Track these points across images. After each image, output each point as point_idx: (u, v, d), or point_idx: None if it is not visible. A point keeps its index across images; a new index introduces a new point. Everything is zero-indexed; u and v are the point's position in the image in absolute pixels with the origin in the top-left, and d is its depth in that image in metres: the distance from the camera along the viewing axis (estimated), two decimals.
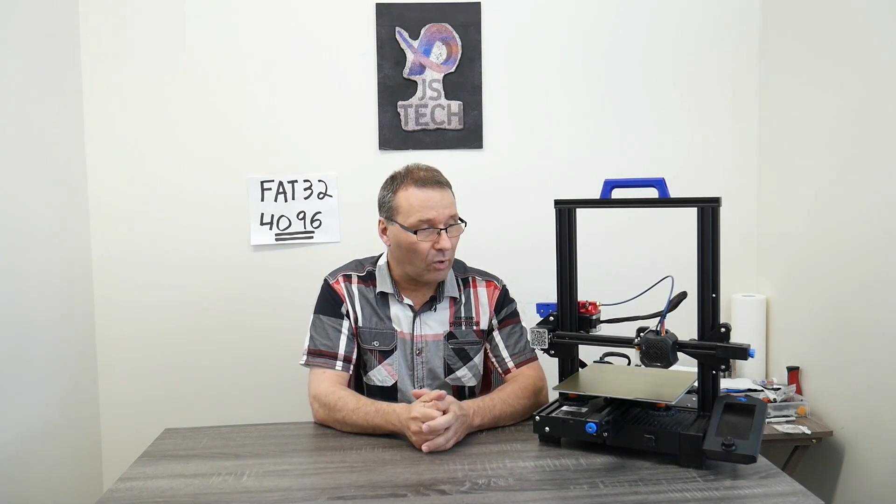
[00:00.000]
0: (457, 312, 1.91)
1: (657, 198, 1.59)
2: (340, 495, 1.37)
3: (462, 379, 1.92)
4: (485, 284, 1.96)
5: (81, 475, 2.44)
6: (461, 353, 1.91)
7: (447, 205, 1.81)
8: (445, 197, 1.82)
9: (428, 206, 1.78)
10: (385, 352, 1.89)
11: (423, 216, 1.78)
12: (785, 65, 2.52)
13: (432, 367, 1.90)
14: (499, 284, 1.97)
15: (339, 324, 1.87)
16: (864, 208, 2.12)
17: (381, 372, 1.89)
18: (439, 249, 1.78)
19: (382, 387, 1.89)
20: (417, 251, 1.79)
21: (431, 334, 1.90)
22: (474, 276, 1.97)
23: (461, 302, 1.92)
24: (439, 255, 1.79)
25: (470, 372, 1.92)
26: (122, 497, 1.40)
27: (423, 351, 1.89)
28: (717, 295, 1.51)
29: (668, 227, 2.62)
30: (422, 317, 1.90)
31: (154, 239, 2.57)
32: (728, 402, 1.49)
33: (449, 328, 1.90)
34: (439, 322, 1.90)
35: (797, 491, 1.34)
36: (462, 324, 1.91)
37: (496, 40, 2.62)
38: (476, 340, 1.92)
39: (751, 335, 2.57)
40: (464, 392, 1.93)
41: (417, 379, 1.90)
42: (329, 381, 1.80)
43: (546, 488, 1.38)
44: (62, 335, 2.35)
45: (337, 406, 1.72)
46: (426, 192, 1.80)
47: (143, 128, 2.55)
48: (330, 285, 1.92)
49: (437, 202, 1.79)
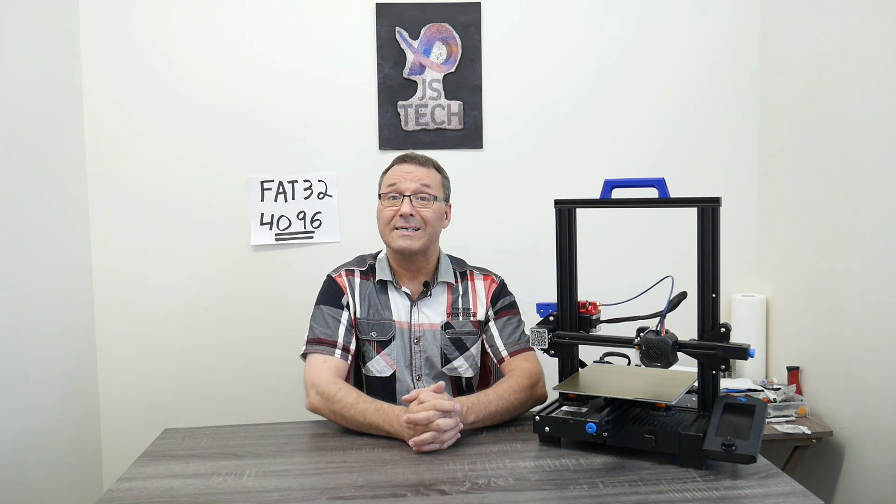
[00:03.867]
0: (454, 303, 1.95)
1: (657, 198, 1.59)
2: (340, 495, 1.37)
3: (459, 369, 1.94)
4: (482, 278, 2.01)
5: (81, 475, 2.44)
6: (458, 343, 1.94)
7: (418, 177, 1.89)
8: (419, 171, 1.90)
9: (397, 174, 1.90)
10: (383, 342, 1.92)
11: (389, 182, 1.90)
12: (785, 64, 2.52)
13: (430, 357, 1.93)
14: (496, 279, 2.02)
15: (339, 314, 1.90)
16: (864, 208, 2.12)
17: (380, 362, 1.91)
18: (402, 216, 1.85)
19: (381, 377, 1.91)
20: (381, 217, 1.90)
21: (428, 323, 1.93)
22: (472, 270, 2.03)
23: (458, 293, 1.97)
24: (402, 221, 1.86)
25: (466, 362, 1.94)
26: (122, 497, 1.40)
27: (421, 340, 1.92)
28: (717, 295, 1.51)
29: (668, 227, 2.62)
30: (419, 305, 1.94)
31: (154, 239, 2.57)
32: (728, 402, 1.49)
33: (446, 318, 1.94)
34: (436, 312, 1.94)
35: (797, 491, 1.34)
36: (459, 314, 1.95)
37: (496, 40, 2.62)
38: (473, 331, 1.95)
39: (751, 335, 2.57)
40: (461, 383, 1.96)
41: (415, 368, 1.92)
42: (329, 371, 1.80)
43: (546, 488, 1.38)
44: (62, 335, 2.35)
45: (336, 397, 1.72)
46: (402, 165, 1.92)
47: (142, 127, 2.54)
48: (333, 279, 1.97)
49: (406, 172, 1.89)
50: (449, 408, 1.57)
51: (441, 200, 1.94)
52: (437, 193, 1.92)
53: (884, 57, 2.03)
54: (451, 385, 1.94)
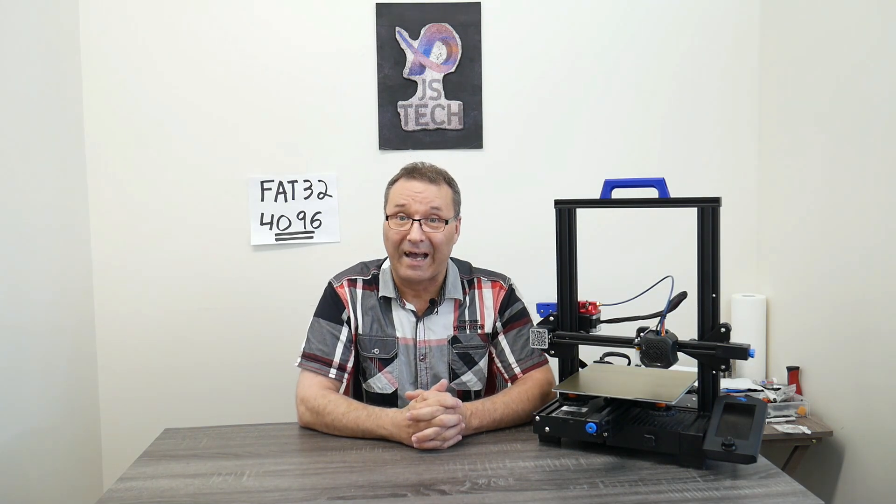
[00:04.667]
0: (461, 316, 1.87)
1: (657, 198, 1.59)
2: (340, 495, 1.37)
3: (468, 384, 1.88)
4: (490, 285, 1.91)
5: (81, 475, 2.44)
6: (466, 357, 1.87)
7: (428, 199, 1.76)
8: (428, 189, 1.77)
9: (405, 193, 1.77)
10: (385, 360, 1.86)
11: (397, 202, 1.77)
12: (785, 64, 2.52)
13: (437, 373, 1.86)
14: (505, 284, 1.91)
15: (338, 330, 1.84)
16: (864, 208, 2.12)
17: (382, 380, 1.86)
18: (411, 241, 1.74)
19: (382, 394, 1.86)
20: (389, 239, 1.78)
21: (435, 339, 1.86)
22: (480, 276, 1.92)
23: (465, 305, 1.88)
24: (411, 247, 1.75)
25: (475, 377, 1.89)
26: (122, 497, 1.40)
27: (427, 356, 1.86)
28: (717, 295, 1.51)
29: (669, 227, 2.62)
30: (425, 321, 1.86)
31: (154, 239, 2.57)
32: (728, 402, 1.49)
33: (453, 332, 1.86)
34: (443, 326, 1.86)
35: (797, 491, 1.34)
36: (466, 327, 1.87)
37: (496, 40, 2.62)
38: (481, 345, 1.88)
39: (751, 335, 2.57)
40: (469, 396, 1.88)
41: (421, 385, 1.85)
42: (318, 385, 1.76)
43: (546, 488, 1.38)
44: (62, 335, 2.35)
45: (326, 410, 1.69)
46: (410, 182, 1.79)
47: (143, 128, 2.55)
48: (334, 289, 1.88)
49: (415, 191, 1.76)
50: (453, 403, 1.57)
51: (452, 220, 1.82)
52: (447, 215, 1.79)
53: (884, 56, 2.03)
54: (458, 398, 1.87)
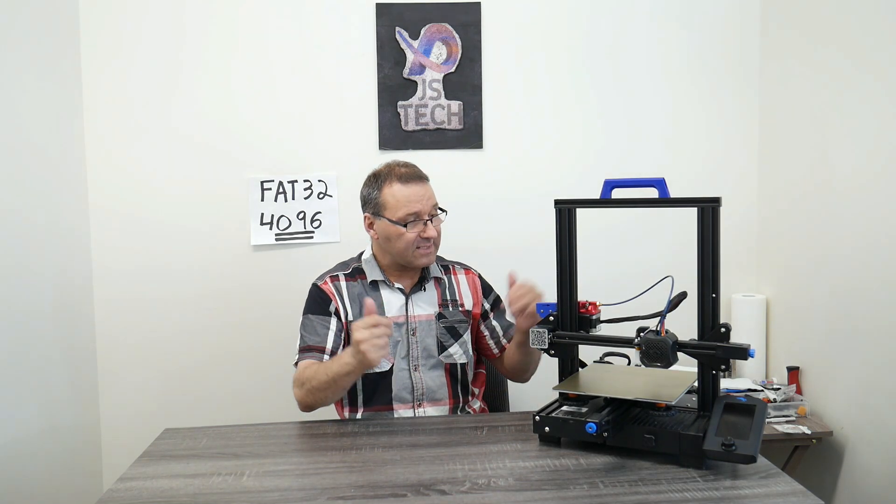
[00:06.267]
0: (443, 295, 2.05)
1: (657, 198, 1.59)
2: (340, 495, 1.37)
3: (454, 356, 2.01)
4: (464, 272, 2.12)
5: (81, 475, 2.44)
6: (452, 330, 2.02)
7: (429, 197, 1.97)
8: (427, 190, 1.98)
9: (413, 200, 1.94)
10: None
11: (411, 210, 1.93)
12: (785, 64, 2.52)
13: (426, 346, 1.99)
14: (475, 272, 2.14)
15: (328, 321, 1.95)
16: (864, 208, 2.12)
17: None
18: (426, 238, 1.94)
19: (380, 371, 1.94)
20: (402, 240, 1.95)
21: (424, 315, 2.01)
22: (453, 265, 2.14)
23: (445, 285, 2.06)
24: (426, 243, 1.95)
25: (461, 349, 2.02)
26: (122, 497, 1.40)
27: (417, 331, 1.99)
28: (717, 295, 1.51)
29: (669, 227, 2.62)
30: (413, 298, 2.01)
31: (154, 239, 2.57)
32: (728, 402, 1.49)
33: (438, 309, 2.02)
34: (429, 303, 2.02)
35: (797, 491, 1.34)
36: (448, 305, 2.04)
37: (496, 40, 2.62)
38: (463, 319, 2.04)
39: (751, 335, 2.57)
40: (456, 371, 2.01)
41: (413, 358, 1.97)
42: (304, 367, 1.87)
43: (546, 488, 1.38)
44: (62, 335, 2.35)
45: (304, 377, 1.82)
46: (411, 188, 1.95)
47: (143, 128, 2.55)
48: (319, 287, 2.01)
49: (421, 196, 1.95)
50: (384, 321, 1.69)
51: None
52: (440, 205, 2.01)
53: (884, 56, 2.03)
54: (446, 374, 1.99)
